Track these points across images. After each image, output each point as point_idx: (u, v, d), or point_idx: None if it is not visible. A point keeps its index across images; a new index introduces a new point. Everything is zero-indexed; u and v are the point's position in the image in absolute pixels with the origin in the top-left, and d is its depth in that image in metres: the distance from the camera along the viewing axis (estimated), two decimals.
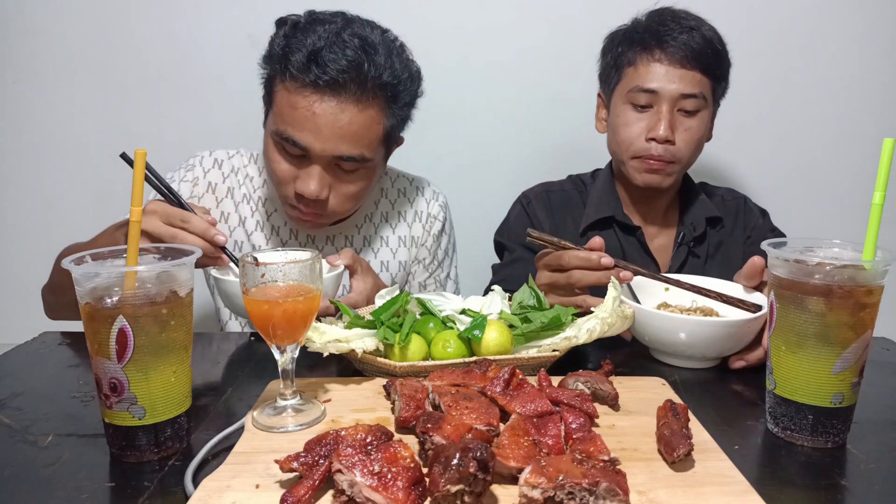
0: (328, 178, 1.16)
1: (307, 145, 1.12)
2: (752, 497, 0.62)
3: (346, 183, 1.18)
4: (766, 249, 0.76)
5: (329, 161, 1.15)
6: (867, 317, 0.71)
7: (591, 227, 1.38)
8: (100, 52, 1.76)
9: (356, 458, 0.59)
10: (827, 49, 1.76)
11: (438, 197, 1.44)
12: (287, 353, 0.76)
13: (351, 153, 1.13)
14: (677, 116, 1.28)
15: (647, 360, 1.00)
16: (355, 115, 1.12)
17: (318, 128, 1.11)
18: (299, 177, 1.16)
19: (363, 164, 1.17)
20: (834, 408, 0.73)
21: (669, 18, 1.28)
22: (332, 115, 1.11)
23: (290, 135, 1.12)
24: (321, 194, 1.15)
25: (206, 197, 1.32)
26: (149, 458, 0.70)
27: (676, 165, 1.31)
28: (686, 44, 1.25)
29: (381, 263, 1.37)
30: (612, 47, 1.36)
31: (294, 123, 1.12)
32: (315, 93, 1.10)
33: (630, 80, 1.30)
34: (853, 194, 1.81)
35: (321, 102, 1.10)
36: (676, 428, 0.69)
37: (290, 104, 1.12)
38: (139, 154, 0.73)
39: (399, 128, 1.24)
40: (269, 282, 0.74)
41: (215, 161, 1.35)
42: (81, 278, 0.67)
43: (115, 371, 0.67)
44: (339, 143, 1.12)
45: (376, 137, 1.16)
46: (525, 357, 0.89)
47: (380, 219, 1.38)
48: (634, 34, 1.31)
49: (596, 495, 0.57)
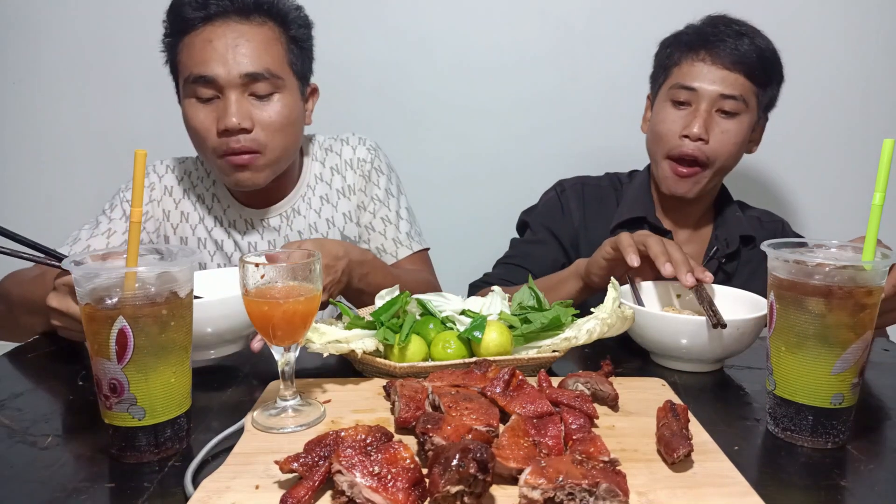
0: (245, 106, 1.18)
1: (214, 74, 1.15)
2: (752, 498, 0.61)
3: (265, 111, 1.20)
4: (766, 250, 0.76)
5: (240, 87, 1.17)
6: (867, 317, 0.71)
7: (621, 225, 1.38)
8: (99, 53, 1.76)
9: (356, 459, 0.59)
10: (826, 49, 1.76)
11: (365, 142, 1.42)
12: (287, 353, 0.76)
13: (257, 68, 1.17)
14: (715, 117, 1.28)
15: (646, 361, 1.00)
16: (248, 32, 1.18)
17: (218, 52, 1.16)
18: (220, 116, 1.18)
19: (275, 84, 1.20)
20: (834, 408, 0.73)
21: (722, 23, 1.30)
22: (228, 38, 1.16)
23: (196, 72, 1.17)
24: (243, 122, 1.17)
25: (164, 199, 1.35)
26: (148, 459, 0.70)
27: (707, 171, 1.30)
28: (732, 46, 1.26)
29: (326, 221, 1.37)
30: (663, 49, 1.38)
31: (197, 60, 1.17)
32: (205, 25, 1.17)
33: (673, 79, 1.31)
34: (853, 195, 1.81)
35: (213, 30, 1.17)
36: (676, 429, 0.69)
37: (188, 47, 1.18)
38: (139, 155, 0.73)
39: (302, 58, 1.27)
40: (269, 283, 0.74)
41: (167, 167, 1.38)
42: (81, 279, 0.67)
43: (115, 372, 0.67)
44: (241, 61, 1.16)
45: (278, 55, 1.21)
46: (525, 358, 0.89)
47: (314, 179, 1.39)
48: (685, 36, 1.33)
49: (596, 496, 0.57)
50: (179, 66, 1.22)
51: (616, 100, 1.74)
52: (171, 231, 1.35)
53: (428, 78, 1.77)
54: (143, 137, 1.76)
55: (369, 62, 1.75)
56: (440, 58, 1.76)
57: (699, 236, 1.43)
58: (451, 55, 1.75)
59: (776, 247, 0.76)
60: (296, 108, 1.25)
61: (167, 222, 1.35)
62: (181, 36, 1.20)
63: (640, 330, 0.97)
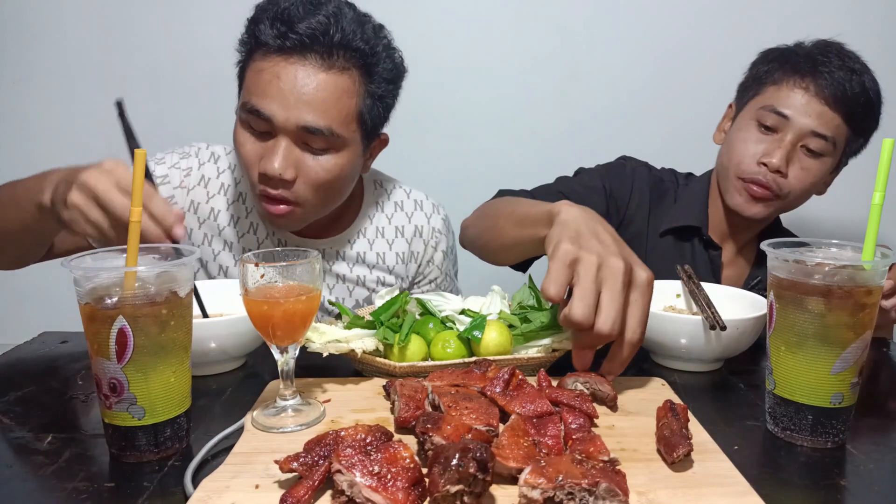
0: (294, 155, 1.08)
1: (270, 113, 1.05)
2: (752, 497, 0.62)
3: (314, 165, 1.09)
4: (766, 250, 0.76)
5: (295, 134, 1.06)
6: (866, 317, 0.71)
7: (672, 231, 1.33)
8: (98, 52, 1.76)
9: (356, 459, 0.59)
10: None
11: (439, 210, 1.37)
12: (287, 353, 0.76)
13: (317, 124, 1.05)
14: (798, 152, 1.20)
15: (646, 360, 1.00)
16: (323, 81, 1.05)
17: (282, 93, 1.04)
18: (265, 156, 1.08)
19: (333, 142, 1.08)
20: (833, 408, 0.73)
21: (835, 54, 1.20)
22: (298, 80, 1.04)
23: (253, 104, 1.06)
24: (286, 172, 1.06)
25: (196, 190, 1.25)
26: (148, 459, 0.69)
27: (779, 201, 1.24)
28: (840, 83, 1.17)
29: (377, 279, 1.31)
30: (763, 61, 1.28)
31: (258, 91, 1.06)
32: (280, 56, 1.05)
33: (767, 98, 1.23)
34: (852, 194, 1.81)
35: (286, 66, 1.05)
36: (676, 428, 0.69)
37: (255, 72, 1.07)
38: (139, 154, 0.73)
39: (377, 112, 1.14)
40: (269, 282, 0.74)
41: (212, 155, 1.28)
42: (81, 279, 0.67)
43: (114, 371, 0.67)
44: (303, 110, 1.04)
45: (348, 112, 1.08)
46: (525, 357, 0.89)
47: (375, 234, 1.31)
48: (792, 55, 1.23)
49: (595, 496, 0.57)
50: (244, 82, 1.11)
51: (616, 100, 1.74)
52: (196, 224, 1.25)
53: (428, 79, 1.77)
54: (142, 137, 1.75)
55: None
56: (441, 59, 1.76)
57: (741, 259, 1.38)
58: (452, 57, 1.75)
59: (776, 246, 0.76)
60: (351, 166, 1.13)
61: (193, 215, 1.25)
62: (254, 53, 1.09)
63: None
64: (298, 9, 1.05)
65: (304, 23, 1.04)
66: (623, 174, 1.37)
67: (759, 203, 1.24)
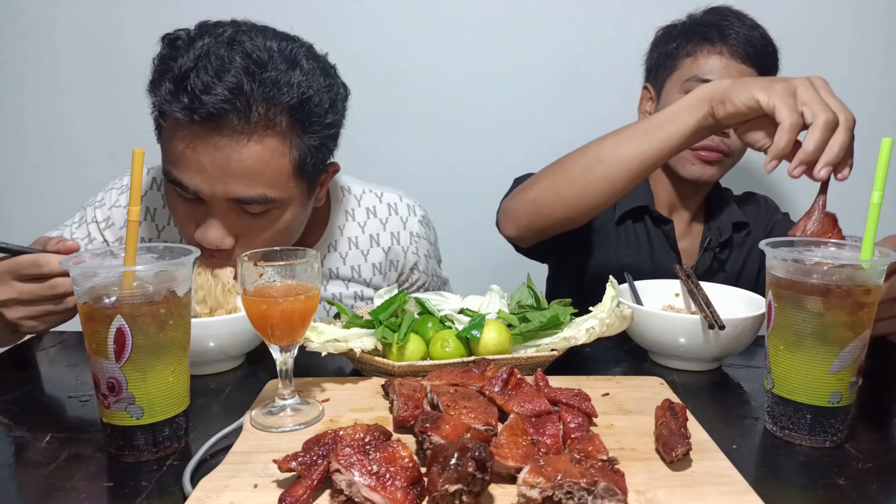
0: (231, 223, 0.97)
1: (196, 188, 0.93)
2: (751, 497, 0.62)
3: (254, 227, 0.98)
4: (765, 249, 0.76)
5: (227, 206, 0.95)
6: (865, 316, 0.71)
7: (625, 215, 1.37)
8: (97, 52, 1.76)
9: (354, 458, 0.59)
10: (825, 48, 1.76)
11: (415, 211, 1.26)
12: (286, 352, 0.76)
13: (248, 195, 0.93)
14: None
15: (645, 359, 1.00)
16: (246, 149, 0.91)
17: (203, 167, 0.91)
18: (200, 222, 0.98)
19: (272, 206, 0.97)
20: (832, 407, 0.73)
21: (731, 15, 1.29)
22: (217, 153, 0.90)
23: (175, 177, 0.94)
24: (223, 244, 0.97)
25: (144, 226, 1.14)
26: (147, 458, 0.69)
27: (728, 160, 1.31)
28: (748, 40, 1.26)
29: (353, 294, 1.23)
30: (667, 39, 1.35)
31: (177, 164, 0.93)
32: (192, 127, 0.90)
33: (688, 71, 1.29)
34: (851, 194, 1.81)
35: (202, 137, 0.90)
36: (675, 427, 0.69)
37: (170, 139, 0.94)
38: (137, 153, 0.73)
39: (319, 158, 1.01)
40: (267, 282, 0.74)
41: (153, 181, 1.13)
42: (79, 278, 0.67)
43: (113, 371, 0.67)
44: (231, 184, 0.92)
45: (281, 172, 0.95)
46: (523, 357, 0.89)
47: (347, 245, 1.20)
48: (696, 27, 1.31)
49: (594, 495, 0.57)
50: (162, 140, 0.97)
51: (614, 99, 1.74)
52: None
53: (423, 77, 1.77)
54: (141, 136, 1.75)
55: (368, 61, 1.75)
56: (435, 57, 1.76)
57: (695, 229, 1.43)
58: (446, 55, 1.75)
59: (774, 245, 0.76)
60: (295, 218, 1.02)
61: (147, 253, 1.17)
62: (163, 114, 0.93)
63: (639, 329, 0.97)
64: (202, 74, 0.88)
65: (212, 94, 0.88)
66: None
67: (713, 165, 1.31)
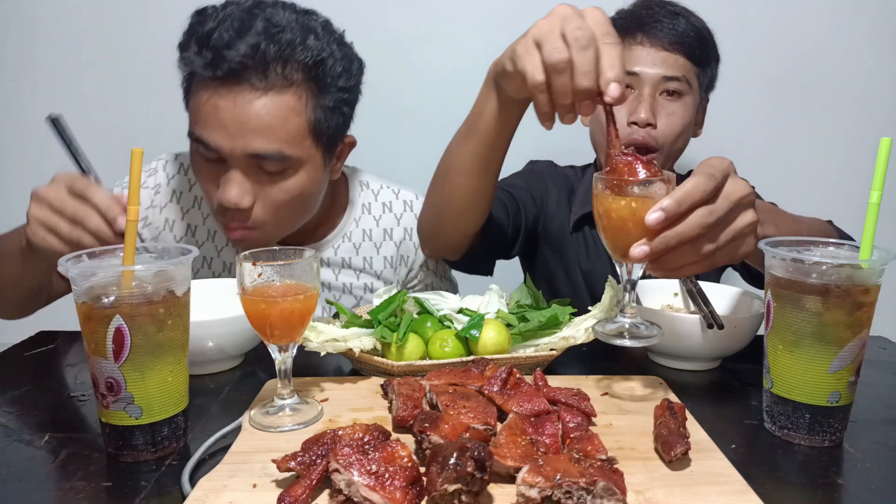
0: (249, 181, 1.02)
1: (216, 145, 0.99)
2: (750, 496, 0.62)
3: (272, 188, 1.03)
4: (764, 249, 0.76)
5: (247, 162, 1.01)
6: (864, 316, 0.71)
7: (580, 221, 1.37)
8: (97, 51, 1.76)
9: (353, 458, 0.59)
10: (824, 48, 1.76)
11: None
12: (284, 352, 0.76)
13: (266, 150, 0.99)
14: (660, 100, 1.25)
15: (644, 359, 1.00)
16: (263, 104, 0.98)
17: (224, 123, 0.98)
18: (220, 184, 1.03)
19: (288, 164, 1.02)
20: (831, 406, 0.73)
21: (656, 4, 1.28)
22: (237, 107, 0.97)
23: (199, 135, 1.01)
24: (241, 202, 1.01)
25: (169, 207, 1.20)
26: (146, 458, 0.69)
27: (658, 155, 1.28)
28: (669, 27, 1.24)
29: (364, 285, 1.26)
30: None
31: (200, 122, 1.00)
32: (216, 83, 0.98)
33: None
34: (850, 193, 1.82)
35: (223, 94, 0.98)
36: (674, 427, 0.69)
37: (196, 100, 1.01)
38: (136, 153, 0.73)
39: (335, 121, 1.06)
40: (266, 281, 0.74)
41: (181, 166, 1.20)
42: (78, 277, 0.67)
43: (111, 370, 0.67)
44: (249, 138, 0.98)
45: (297, 131, 1.01)
46: (522, 356, 0.89)
47: (361, 237, 1.25)
48: (618, 20, 1.28)
49: (593, 494, 0.57)
50: (188, 105, 1.05)
51: None
52: (173, 242, 1.22)
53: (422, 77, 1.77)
54: (140, 136, 1.75)
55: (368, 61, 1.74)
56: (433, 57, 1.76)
57: None
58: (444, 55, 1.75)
59: (773, 245, 0.76)
60: (312, 183, 1.07)
61: (170, 233, 1.22)
62: (191, 79, 1.03)
63: None
64: (224, 33, 0.96)
65: (233, 50, 0.96)
66: (535, 174, 1.43)
67: None
